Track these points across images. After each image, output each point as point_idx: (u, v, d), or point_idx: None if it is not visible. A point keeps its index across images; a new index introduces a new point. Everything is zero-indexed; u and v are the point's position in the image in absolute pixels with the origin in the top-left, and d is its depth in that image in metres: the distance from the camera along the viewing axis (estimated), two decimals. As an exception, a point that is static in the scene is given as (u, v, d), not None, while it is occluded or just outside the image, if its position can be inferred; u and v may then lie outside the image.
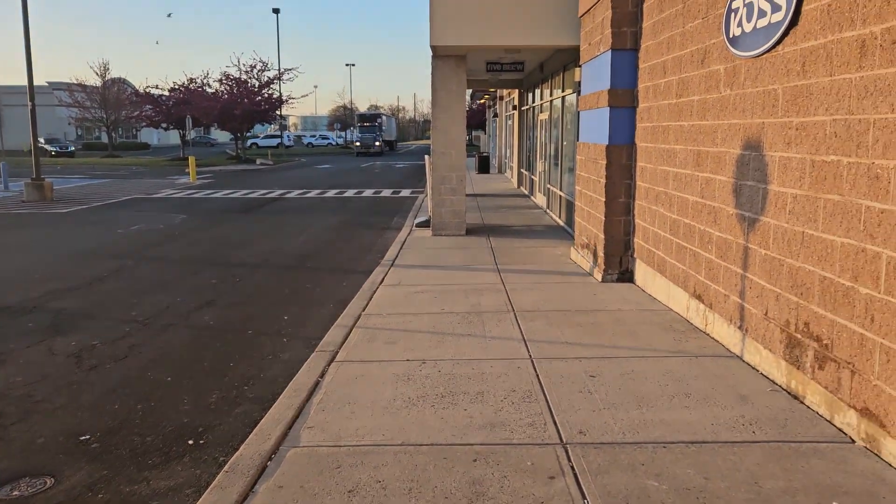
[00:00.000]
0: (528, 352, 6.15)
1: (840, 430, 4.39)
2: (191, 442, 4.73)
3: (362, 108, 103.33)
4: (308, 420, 4.68)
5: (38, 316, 8.19)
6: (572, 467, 3.97)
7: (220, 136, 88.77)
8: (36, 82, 21.39)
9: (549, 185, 16.57)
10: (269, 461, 4.08)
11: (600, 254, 9.10)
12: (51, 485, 4.13)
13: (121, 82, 57.78)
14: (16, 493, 4.04)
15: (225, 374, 6.14)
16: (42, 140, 55.20)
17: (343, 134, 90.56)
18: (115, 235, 14.85)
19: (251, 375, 6.11)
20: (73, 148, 56.23)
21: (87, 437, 4.82)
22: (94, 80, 55.74)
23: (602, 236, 9.00)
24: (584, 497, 3.65)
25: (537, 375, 5.53)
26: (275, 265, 11.34)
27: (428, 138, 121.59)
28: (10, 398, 5.57)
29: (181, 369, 6.29)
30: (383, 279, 9.44)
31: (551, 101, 16.23)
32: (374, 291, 8.70)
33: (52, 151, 53.86)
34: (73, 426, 5.01)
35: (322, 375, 5.58)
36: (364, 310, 7.77)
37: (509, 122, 28.57)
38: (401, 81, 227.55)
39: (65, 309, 8.52)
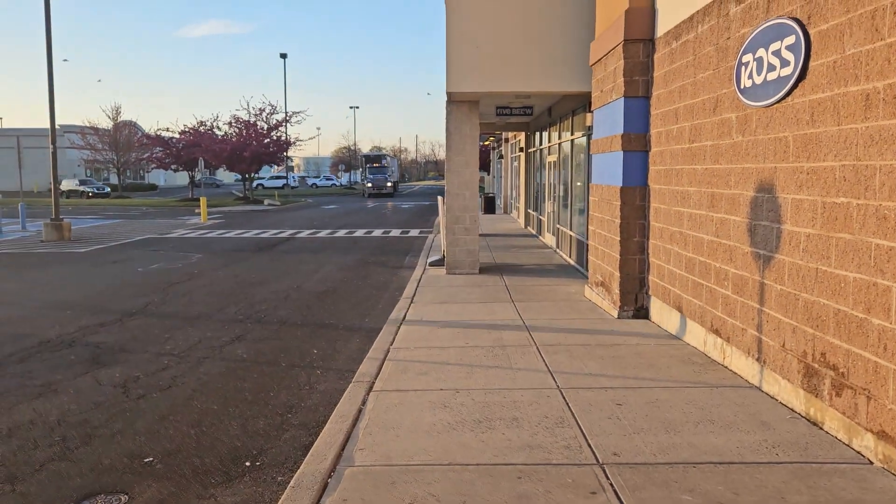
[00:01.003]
0: (555, 382, 6.47)
1: (858, 452, 4.70)
2: (248, 464, 5.04)
3: (365, 149, 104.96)
4: (358, 443, 4.99)
5: (78, 350, 8.51)
6: (611, 484, 4.28)
7: (225, 177, 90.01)
8: (49, 125, 22.02)
9: (558, 226, 17.01)
10: (329, 478, 4.39)
11: (616, 291, 9.45)
12: (125, 501, 4.44)
13: (131, 125, 58.93)
14: (94, 508, 4.35)
15: (267, 403, 6.45)
16: (77, 181, 56.33)
17: (347, 175, 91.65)
18: (137, 274, 15.22)
19: (292, 404, 6.42)
20: (108, 189, 57.15)
21: (150, 459, 5.13)
22: (105, 123, 56.87)
23: (618, 274, 9.37)
24: (625, 510, 3.95)
25: (567, 403, 5.84)
26: (296, 301, 11.69)
27: (430, 179, 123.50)
28: (70, 424, 5.88)
29: (225, 398, 6.60)
30: (405, 315, 9.78)
31: (560, 144, 16.78)
32: (399, 327, 9.03)
33: (88, 192, 54.97)
34: (134, 449, 5.32)
35: (363, 403, 5.90)
36: (392, 344, 8.10)
37: (515, 164, 29.20)
38: (402, 122, 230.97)
39: (102, 343, 8.84)
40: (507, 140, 32.20)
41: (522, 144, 25.00)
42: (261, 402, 6.49)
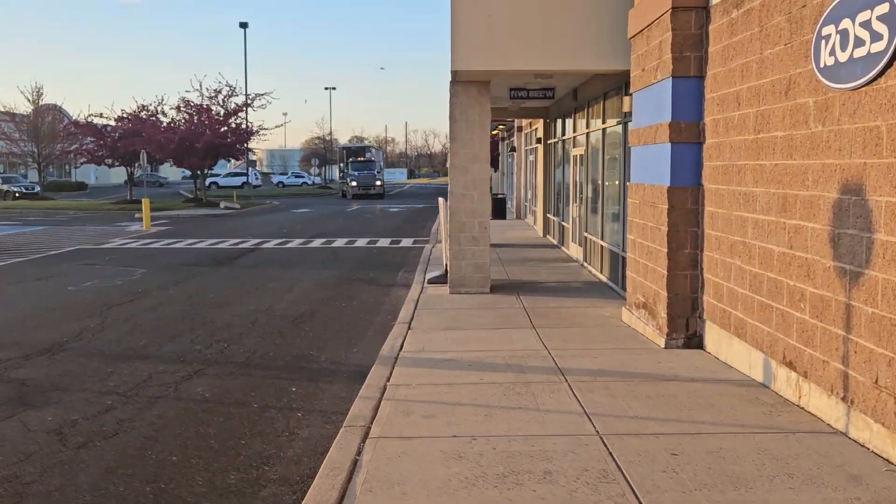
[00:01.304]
0: (594, 427, 6.49)
1: (972, 513, 4.72)
2: (219, 528, 5.04)
3: (343, 139, 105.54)
4: (356, 501, 5.00)
5: None
6: (672, 553, 4.29)
7: (171, 173, 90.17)
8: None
9: (586, 234, 17.08)
10: (323, 546, 4.39)
11: (662, 315, 9.49)
12: (70, 574, 4.42)
13: (56, 110, 59.09)
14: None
15: (238, 453, 6.45)
16: None
17: (321, 171, 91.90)
18: (67, 293, 15.23)
19: (269, 454, 6.43)
20: (38, 189, 57.08)
21: (99, 522, 5.12)
22: (24, 108, 57.03)
23: (664, 294, 9.41)
24: (691, 585, 3.95)
25: (610, 453, 5.86)
26: (266, 328, 11.70)
27: (423, 176, 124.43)
28: (-4, 479, 5.88)
29: (185, 447, 6.60)
30: (402, 345, 9.80)
31: (588, 134, 16.88)
32: (395, 359, 9.06)
33: (15, 192, 54.85)
34: (78, 511, 5.31)
35: (359, 454, 5.91)
36: (388, 380, 8.11)
37: (531, 158, 29.35)
38: (388, 108, 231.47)
39: (29, 379, 8.84)
40: (520, 129, 32.36)
41: (540, 134, 25.12)
42: (230, 451, 6.50)
